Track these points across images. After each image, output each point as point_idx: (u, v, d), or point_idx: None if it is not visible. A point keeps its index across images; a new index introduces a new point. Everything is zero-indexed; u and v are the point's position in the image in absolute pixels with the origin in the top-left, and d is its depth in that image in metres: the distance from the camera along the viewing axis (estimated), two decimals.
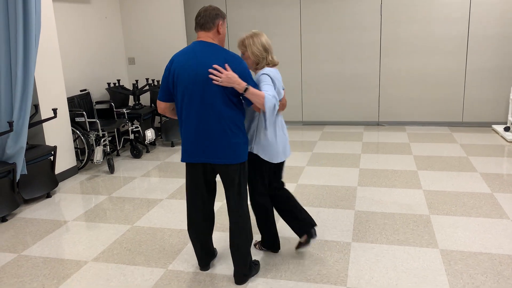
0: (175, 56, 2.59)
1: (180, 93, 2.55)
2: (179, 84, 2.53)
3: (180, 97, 2.55)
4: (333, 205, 3.93)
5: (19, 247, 3.40)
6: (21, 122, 4.07)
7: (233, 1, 7.12)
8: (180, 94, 2.55)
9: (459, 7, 6.30)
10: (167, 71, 2.59)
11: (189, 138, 2.59)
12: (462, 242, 3.17)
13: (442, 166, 4.84)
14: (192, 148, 2.60)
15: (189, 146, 2.61)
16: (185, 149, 2.64)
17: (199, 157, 2.61)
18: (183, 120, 2.59)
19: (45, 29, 4.58)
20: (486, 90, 6.49)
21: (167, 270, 2.96)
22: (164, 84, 2.61)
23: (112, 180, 4.89)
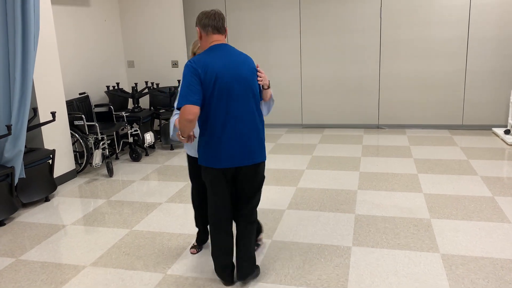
0: (205, 59, 2.49)
1: (216, 96, 2.49)
2: (218, 87, 2.49)
3: (216, 100, 2.50)
4: (333, 209, 3.91)
5: (17, 251, 3.37)
6: (20, 125, 4.05)
7: (233, 3, 7.11)
8: (216, 97, 2.49)
9: (459, 10, 6.30)
10: (198, 76, 2.45)
11: (223, 142, 2.53)
12: (463, 246, 3.14)
13: (443, 170, 4.82)
14: (232, 152, 2.55)
15: (227, 150, 2.54)
16: (219, 153, 2.55)
17: (232, 161, 2.56)
18: (217, 124, 2.52)
19: (44, 32, 4.57)
20: (486, 93, 6.48)
21: (166, 275, 2.94)
22: (197, 88, 2.45)
23: (111, 184, 4.87)
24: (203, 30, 2.60)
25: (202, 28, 2.60)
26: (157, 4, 6.62)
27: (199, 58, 2.51)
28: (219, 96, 2.50)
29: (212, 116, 2.52)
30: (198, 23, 2.62)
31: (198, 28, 2.63)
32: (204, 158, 2.61)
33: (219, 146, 2.55)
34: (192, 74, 2.46)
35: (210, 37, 2.60)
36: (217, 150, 2.55)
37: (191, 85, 2.45)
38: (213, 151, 2.56)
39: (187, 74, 2.46)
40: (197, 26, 2.65)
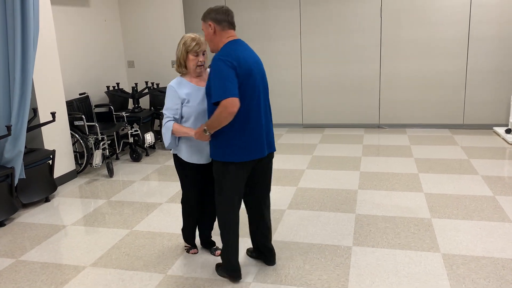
0: (236, 53, 2.50)
1: (250, 89, 2.54)
2: (251, 80, 2.54)
3: (250, 92, 2.55)
4: (333, 208, 3.90)
5: (17, 252, 3.37)
6: (19, 126, 4.05)
7: (233, 3, 7.10)
8: (250, 90, 2.54)
9: (459, 9, 6.29)
10: (234, 69, 2.47)
11: (255, 133, 2.61)
12: (464, 246, 3.13)
13: (443, 169, 4.81)
14: (258, 143, 2.63)
15: (253, 142, 2.60)
16: (245, 146, 2.58)
17: (261, 152, 2.65)
18: (250, 117, 2.57)
19: (44, 32, 4.57)
20: (487, 92, 6.46)
21: (166, 275, 2.93)
22: (235, 80, 2.46)
23: (111, 184, 4.87)
24: (218, 25, 2.59)
25: (217, 23, 2.58)
26: (157, 4, 6.62)
27: (229, 52, 2.50)
28: (251, 90, 2.55)
29: (244, 109, 2.55)
30: (211, 18, 2.59)
31: (211, 23, 2.59)
32: (231, 153, 2.59)
33: (249, 139, 2.59)
34: (228, 68, 2.45)
35: (226, 32, 2.61)
36: (248, 142, 2.59)
37: (230, 78, 2.45)
38: (243, 144, 2.58)
39: (223, 67, 2.45)
40: (207, 21, 2.60)
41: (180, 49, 2.83)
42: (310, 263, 3.00)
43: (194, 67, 2.82)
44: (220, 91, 2.43)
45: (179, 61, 2.85)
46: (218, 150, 2.63)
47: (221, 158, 2.62)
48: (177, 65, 2.88)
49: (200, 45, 2.81)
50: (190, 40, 2.80)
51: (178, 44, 2.87)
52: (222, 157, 2.62)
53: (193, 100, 2.81)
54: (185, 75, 2.88)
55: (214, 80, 2.46)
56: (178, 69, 2.87)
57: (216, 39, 2.62)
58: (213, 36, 2.62)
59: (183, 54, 2.81)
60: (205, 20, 2.63)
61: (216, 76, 2.46)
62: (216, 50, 2.65)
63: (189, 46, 2.79)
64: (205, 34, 2.67)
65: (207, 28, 2.63)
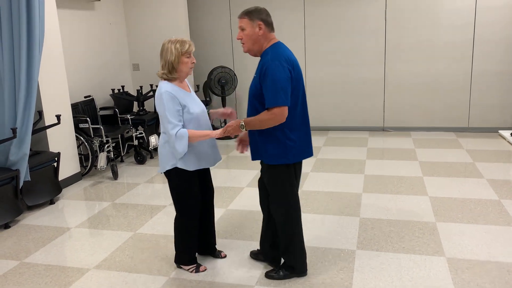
0: (288, 54, 2.55)
1: (301, 90, 2.61)
2: (301, 82, 2.61)
3: (301, 93, 2.62)
4: (337, 212, 3.89)
5: (21, 254, 3.38)
6: (25, 128, 4.07)
7: (237, 7, 7.12)
8: (301, 91, 2.61)
9: (465, 12, 6.26)
10: (289, 72, 2.49)
11: (303, 135, 2.66)
12: (469, 250, 3.11)
13: (448, 172, 4.79)
14: (307, 143, 2.71)
15: (303, 143, 2.67)
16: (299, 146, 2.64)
17: (311, 151, 2.74)
18: (304, 117, 2.66)
19: (49, 35, 4.59)
20: (492, 95, 6.43)
21: (170, 278, 2.93)
22: (289, 88, 2.49)
23: (115, 187, 4.88)
24: (267, 26, 2.60)
25: (266, 24, 2.59)
26: (162, 7, 6.64)
27: (283, 55, 2.52)
28: (302, 91, 2.61)
29: (299, 110, 2.61)
30: (261, 19, 2.58)
31: (262, 24, 2.57)
32: (293, 154, 2.61)
33: (305, 139, 2.66)
34: (286, 73, 2.49)
35: (271, 34, 2.64)
36: (305, 143, 2.66)
37: (285, 85, 2.48)
38: (301, 145, 2.63)
39: (281, 72, 2.47)
40: (256, 20, 2.56)
41: (171, 52, 2.70)
42: (314, 266, 2.99)
43: (187, 70, 2.77)
44: (274, 98, 2.46)
45: (171, 65, 2.71)
46: (274, 154, 2.61)
47: (279, 161, 2.62)
48: (168, 70, 2.73)
49: (192, 46, 2.78)
50: (181, 42, 2.72)
51: (164, 49, 2.73)
52: (280, 160, 2.62)
53: (191, 106, 2.77)
54: (173, 80, 2.78)
55: (269, 83, 2.47)
56: (169, 74, 2.74)
57: (261, 40, 2.60)
58: (259, 37, 2.59)
59: (177, 58, 2.70)
60: (252, 19, 2.56)
61: (272, 80, 2.46)
62: (256, 52, 2.64)
63: (183, 49, 2.70)
64: (248, 33, 2.58)
65: (253, 27, 2.57)
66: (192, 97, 2.85)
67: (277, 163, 2.63)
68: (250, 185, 4.68)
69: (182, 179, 2.82)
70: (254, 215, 3.89)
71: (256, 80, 2.59)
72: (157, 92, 2.74)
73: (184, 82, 2.88)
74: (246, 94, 7.40)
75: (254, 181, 4.81)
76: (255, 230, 3.59)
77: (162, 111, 2.69)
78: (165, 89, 2.69)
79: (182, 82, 2.84)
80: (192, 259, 3.02)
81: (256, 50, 2.63)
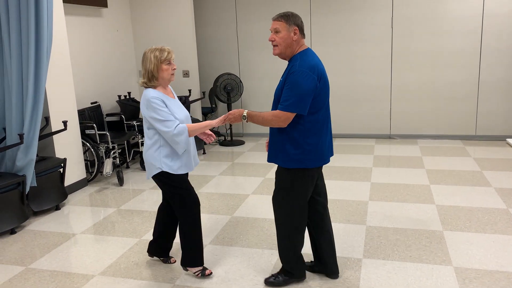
0: (316, 62, 2.56)
1: (325, 98, 2.63)
2: (327, 90, 2.62)
3: (325, 100, 2.63)
4: (344, 220, 3.86)
5: (27, 260, 3.38)
6: (32, 134, 4.09)
7: (243, 15, 7.15)
8: (325, 98, 2.63)
9: (472, 20, 6.25)
10: (315, 85, 2.51)
11: (326, 140, 2.68)
12: (477, 259, 3.08)
13: (456, 181, 4.75)
14: (329, 149, 2.72)
15: (328, 148, 2.70)
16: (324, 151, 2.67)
17: (328, 157, 2.74)
18: (327, 123, 2.68)
19: (56, 41, 4.62)
20: (499, 103, 6.39)
21: (174, 285, 2.92)
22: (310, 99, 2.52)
23: (121, 193, 4.88)
24: (301, 32, 2.62)
25: (300, 30, 2.60)
26: (168, 14, 6.68)
27: (313, 65, 2.53)
28: (325, 98, 2.62)
29: (322, 116, 2.62)
30: (297, 24, 2.58)
31: (297, 29, 2.58)
32: (309, 159, 2.62)
33: (324, 145, 2.66)
34: (311, 83, 2.49)
35: (302, 40, 2.65)
36: (323, 149, 2.66)
37: (304, 95, 2.49)
38: (319, 150, 2.64)
39: (305, 82, 2.48)
40: (292, 25, 2.57)
41: (150, 61, 2.77)
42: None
43: (168, 76, 2.83)
44: (287, 102, 2.51)
45: (151, 74, 2.78)
46: (293, 158, 2.62)
47: (297, 165, 2.62)
48: (148, 79, 2.79)
49: (171, 54, 2.83)
50: (160, 50, 2.79)
51: (144, 59, 2.81)
52: (298, 164, 2.62)
53: (176, 111, 2.82)
54: (156, 87, 2.83)
55: (290, 86, 2.50)
56: (149, 83, 2.80)
57: (294, 45, 2.61)
58: (292, 42, 2.60)
59: (156, 66, 2.77)
60: (289, 23, 2.57)
61: (293, 85, 2.49)
62: (286, 55, 2.64)
63: (162, 56, 2.77)
64: (284, 37, 2.58)
65: (289, 31, 2.58)
66: (176, 103, 2.90)
67: (293, 167, 2.63)
68: (255, 192, 4.66)
69: (171, 184, 2.88)
70: (260, 222, 3.87)
71: (281, 83, 2.61)
72: (143, 98, 2.79)
73: (168, 89, 2.95)
74: (251, 101, 7.41)
75: (259, 188, 4.80)
76: (260, 237, 3.57)
77: (153, 115, 2.73)
78: (151, 95, 2.75)
79: (166, 89, 2.91)
80: (201, 259, 3.02)
81: (288, 54, 2.64)
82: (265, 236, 3.60)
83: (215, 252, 3.36)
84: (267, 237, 3.57)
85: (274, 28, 2.61)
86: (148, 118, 2.76)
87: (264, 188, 4.78)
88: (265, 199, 4.45)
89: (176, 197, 2.90)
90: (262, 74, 7.29)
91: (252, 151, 6.53)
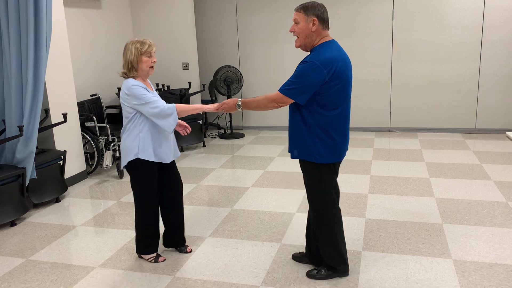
0: (333, 55, 2.50)
1: (345, 92, 2.57)
2: (346, 84, 2.56)
3: (345, 95, 2.58)
4: (343, 213, 3.87)
5: (27, 252, 3.39)
6: (31, 126, 4.08)
7: (244, 6, 7.11)
8: (345, 93, 2.57)
9: (472, 13, 6.22)
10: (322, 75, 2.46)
11: (344, 134, 2.65)
12: (476, 252, 3.09)
13: (455, 174, 4.76)
14: (346, 143, 2.69)
15: (343, 142, 2.64)
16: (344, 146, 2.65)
17: (345, 151, 2.71)
18: (347, 118, 2.64)
19: (56, 34, 4.60)
20: (499, 97, 6.38)
21: (175, 277, 2.93)
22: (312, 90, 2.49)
23: (121, 185, 4.88)
24: (322, 23, 2.56)
25: (321, 21, 2.55)
26: (168, 6, 6.65)
27: (328, 59, 2.47)
28: (346, 93, 2.58)
29: (342, 111, 2.59)
30: (316, 15, 2.53)
31: (316, 19, 2.53)
32: (330, 154, 2.61)
33: (344, 140, 2.65)
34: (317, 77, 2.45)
35: (324, 32, 2.59)
36: (343, 143, 2.64)
37: (306, 85, 2.47)
38: (340, 145, 2.62)
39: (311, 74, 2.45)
40: (311, 15, 2.53)
41: (131, 52, 2.84)
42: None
43: (147, 68, 2.88)
44: (287, 86, 2.51)
45: (130, 64, 2.85)
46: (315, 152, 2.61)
47: (318, 160, 2.61)
48: (127, 69, 2.87)
49: (152, 47, 2.90)
50: (141, 43, 2.86)
51: (125, 50, 2.87)
52: (319, 159, 2.61)
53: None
54: (136, 78, 2.90)
55: (296, 74, 2.50)
56: (129, 73, 2.88)
57: (313, 36, 2.57)
58: (312, 33, 2.55)
59: (136, 57, 2.83)
60: (307, 13, 2.53)
61: (298, 74, 2.48)
62: (307, 47, 2.61)
63: (142, 48, 2.84)
64: (302, 27, 2.55)
65: (307, 22, 2.54)
66: (155, 95, 2.94)
67: (307, 160, 2.64)
68: (255, 185, 4.67)
69: (145, 171, 2.94)
70: (260, 215, 3.88)
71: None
72: (122, 88, 2.86)
73: (147, 82, 3.00)
74: (252, 93, 7.40)
75: (259, 180, 4.80)
76: (260, 230, 3.58)
77: (137, 101, 2.80)
78: (132, 83, 2.83)
79: (145, 81, 2.97)
80: (152, 247, 3.12)
81: (308, 45, 2.60)
82: (265, 228, 3.61)
83: (215, 244, 3.37)
84: (267, 230, 3.58)
85: (294, 19, 2.58)
86: (132, 106, 2.83)
87: (264, 181, 4.79)
88: (265, 191, 4.46)
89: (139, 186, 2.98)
90: (262, 66, 7.27)
91: (252, 144, 6.53)
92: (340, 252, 2.78)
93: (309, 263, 3.01)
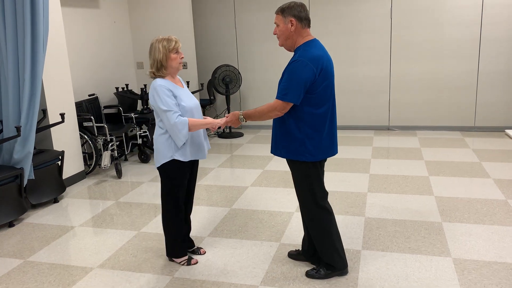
0: (319, 54, 2.52)
1: (329, 90, 2.59)
2: (330, 82, 2.58)
3: (329, 92, 2.60)
4: (342, 211, 3.86)
5: (25, 252, 3.38)
6: (29, 127, 4.06)
7: (242, 5, 7.09)
8: (329, 91, 2.59)
9: (471, 10, 6.21)
10: (314, 76, 2.48)
11: (330, 132, 2.66)
12: (476, 250, 3.08)
13: (454, 172, 4.75)
14: (333, 141, 2.69)
15: (328, 141, 2.65)
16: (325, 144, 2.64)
17: (335, 149, 2.72)
18: (332, 115, 2.64)
19: (53, 33, 4.58)
20: (498, 94, 6.38)
21: (173, 278, 2.92)
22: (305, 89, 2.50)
23: (119, 185, 4.87)
24: (300, 22, 2.57)
25: (299, 20, 2.56)
26: (166, 5, 6.63)
27: (315, 57, 2.50)
28: (330, 91, 2.59)
29: (327, 109, 2.60)
30: (293, 15, 2.55)
31: (293, 20, 2.55)
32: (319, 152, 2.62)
33: (331, 136, 2.66)
34: (307, 73, 2.47)
35: (305, 31, 2.61)
36: (331, 140, 2.66)
37: (301, 84, 2.48)
38: (328, 142, 2.64)
39: (302, 70, 2.46)
40: (288, 16, 2.56)
41: (159, 51, 2.79)
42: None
43: (177, 65, 2.85)
44: (283, 91, 2.51)
45: (159, 63, 2.80)
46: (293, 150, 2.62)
47: (298, 157, 2.62)
48: (156, 68, 2.82)
49: (179, 43, 2.86)
50: (167, 40, 2.81)
51: (152, 49, 2.82)
52: (299, 157, 2.62)
53: (184, 99, 2.83)
54: (164, 77, 2.85)
55: (287, 77, 2.50)
56: (158, 73, 2.83)
57: (294, 37, 2.60)
58: (291, 33, 2.58)
59: (165, 55, 2.79)
60: (285, 15, 2.57)
61: (290, 76, 2.49)
62: (289, 47, 2.64)
63: (170, 46, 2.80)
64: (282, 29, 2.59)
65: (286, 23, 2.57)
66: (185, 92, 2.90)
67: (296, 159, 2.64)
68: (254, 184, 4.66)
69: (179, 172, 2.89)
70: (258, 214, 3.87)
71: (283, 74, 2.60)
72: (151, 87, 2.82)
73: (176, 78, 2.96)
74: (250, 92, 7.38)
75: (258, 180, 4.79)
76: (259, 229, 3.57)
77: (159, 103, 2.75)
78: (158, 83, 2.78)
79: (174, 78, 2.92)
80: (184, 250, 3.10)
81: (289, 45, 2.63)
82: (264, 228, 3.60)
83: (214, 244, 3.35)
84: (266, 229, 3.57)
85: (275, 22, 2.64)
86: (155, 108, 2.79)
87: (263, 180, 4.78)
88: (264, 191, 4.45)
89: (171, 187, 2.92)
90: (261, 65, 7.25)
91: (251, 143, 6.51)
92: (334, 247, 2.78)
93: (305, 261, 3.00)
